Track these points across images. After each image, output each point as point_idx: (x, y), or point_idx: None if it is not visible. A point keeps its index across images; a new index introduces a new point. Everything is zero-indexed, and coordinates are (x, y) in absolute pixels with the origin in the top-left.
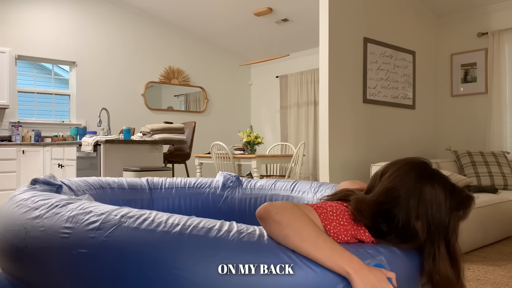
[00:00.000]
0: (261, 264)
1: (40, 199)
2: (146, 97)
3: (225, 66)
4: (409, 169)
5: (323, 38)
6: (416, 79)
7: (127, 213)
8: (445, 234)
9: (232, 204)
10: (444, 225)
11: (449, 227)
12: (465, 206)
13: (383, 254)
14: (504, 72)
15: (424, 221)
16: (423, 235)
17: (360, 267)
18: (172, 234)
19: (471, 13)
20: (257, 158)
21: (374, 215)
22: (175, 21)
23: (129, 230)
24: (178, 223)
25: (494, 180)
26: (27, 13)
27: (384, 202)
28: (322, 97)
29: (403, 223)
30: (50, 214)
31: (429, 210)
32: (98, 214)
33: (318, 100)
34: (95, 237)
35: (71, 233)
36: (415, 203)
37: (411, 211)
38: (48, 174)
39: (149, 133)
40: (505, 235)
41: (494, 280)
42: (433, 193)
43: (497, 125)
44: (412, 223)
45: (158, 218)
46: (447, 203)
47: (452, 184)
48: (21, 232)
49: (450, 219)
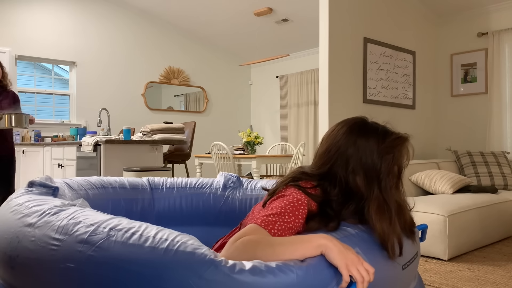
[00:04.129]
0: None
1: (34, 204)
2: (146, 97)
3: (225, 66)
4: (341, 127)
5: (323, 38)
6: (416, 79)
7: (116, 225)
8: (378, 179)
9: (233, 204)
10: (377, 169)
11: (381, 171)
12: (396, 147)
13: (358, 246)
14: (504, 72)
15: (361, 173)
16: (364, 188)
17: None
18: (159, 250)
19: (471, 13)
20: (257, 158)
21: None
22: (175, 21)
23: (117, 245)
24: (167, 238)
25: (494, 180)
26: (27, 13)
27: (323, 164)
28: (322, 97)
29: (345, 180)
30: (41, 223)
31: (363, 159)
32: (87, 225)
33: (318, 100)
34: (82, 251)
35: (60, 246)
36: (349, 156)
37: (348, 165)
38: (44, 176)
39: (149, 133)
40: (505, 235)
41: (494, 280)
42: (364, 142)
43: (497, 125)
44: (352, 178)
45: (147, 232)
46: (378, 148)
47: (384, 130)
48: (14, 241)
49: (382, 163)
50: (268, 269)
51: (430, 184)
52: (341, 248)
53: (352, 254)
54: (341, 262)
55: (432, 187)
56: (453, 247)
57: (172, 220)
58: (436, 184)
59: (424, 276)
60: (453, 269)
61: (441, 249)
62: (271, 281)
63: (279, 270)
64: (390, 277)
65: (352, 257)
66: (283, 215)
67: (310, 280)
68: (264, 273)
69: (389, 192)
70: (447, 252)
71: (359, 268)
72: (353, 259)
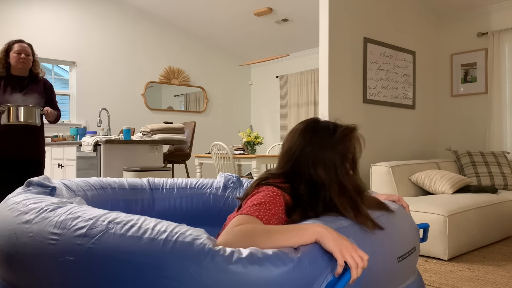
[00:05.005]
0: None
1: (31, 202)
2: (146, 97)
3: (225, 66)
4: (297, 129)
5: (323, 38)
6: (416, 79)
7: (114, 218)
8: (334, 167)
9: (233, 204)
10: (332, 159)
11: (336, 160)
12: (345, 136)
13: (352, 236)
14: (504, 72)
15: (320, 165)
16: (324, 177)
17: (326, 230)
18: (158, 241)
19: (471, 13)
20: (257, 158)
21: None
22: (175, 21)
23: (116, 237)
24: (165, 230)
25: (494, 180)
26: (27, 13)
27: (286, 163)
28: (322, 97)
29: (308, 173)
30: (39, 219)
31: (319, 152)
32: (85, 219)
33: (318, 100)
34: (82, 244)
35: (59, 240)
36: (307, 152)
37: (308, 160)
38: (42, 176)
39: (149, 133)
40: (505, 235)
41: (494, 280)
42: (318, 138)
43: (497, 125)
44: (313, 170)
45: (146, 224)
46: (331, 141)
47: (334, 124)
48: (12, 238)
49: (336, 153)
50: (265, 258)
51: (430, 184)
52: (335, 235)
53: (346, 241)
54: (335, 248)
55: (432, 187)
56: (453, 247)
57: (172, 220)
58: (436, 184)
59: (424, 276)
60: (453, 269)
61: (441, 249)
62: (268, 269)
63: (275, 259)
64: (384, 268)
65: (346, 244)
66: (264, 205)
67: (305, 268)
68: (261, 262)
69: (346, 176)
70: (447, 252)
71: (353, 255)
72: (347, 245)
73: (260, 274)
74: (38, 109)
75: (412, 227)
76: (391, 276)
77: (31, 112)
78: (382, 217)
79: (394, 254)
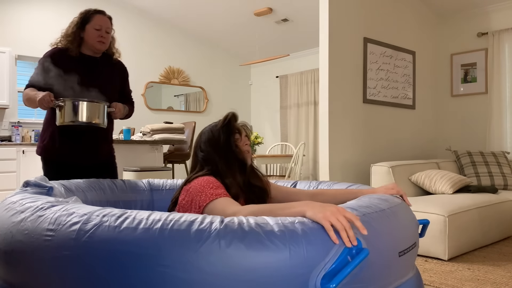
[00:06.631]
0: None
1: (27, 201)
2: (146, 97)
3: (225, 66)
4: (199, 134)
5: (323, 38)
6: (416, 79)
7: (108, 212)
8: (219, 147)
9: None
10: (218, 142)
11: (220, 141)
12: (228, 124)
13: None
14: (504, 72)
15: (210, 149)
16: (216, 156)
17: (312, 204)
18: (153, 231)
19: (471, 13)
20: (257, 158)
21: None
22: (175, 21)
23: (111, 229)
24: (160, 219)
25: (494, 180)
26: (27, 13)
27: (195, 158)
28: (322, 97)
29: (210, 158)
30: (34, 217)
31: (210, 141)
32: (80, 215)
33: (318, 100)
34: (77, 238)
35: (54, 235)
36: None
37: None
38: (39, 176)
39: (149, 133)
40: (505, 235)
41: (494, 280)
42: (209, 133)
43: (497, 125)
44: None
45: (140, 215)
46: (220, 129)
47: (218, 121)
48: (8, 236)
49: (220, 136)
50: (263, 243)
51: (430, 184)
52: (319, 205)
53: (332, 207)
54: (319, 215)
55: (432, 187)
56: (453, 247)
57: None
58: (436, 184)
59: (424, 276)
60: (453, 269)
61: (441, 249)
62: (265, 254)
63: (273, 244)
64: (385, 262)
65: (331, 209)
66: (212, 184)
67: (303, 255)
68: (258, 247)
69: (230, 152)
70: (447, 252)
71: (338, 217)
72: (332, 210)
73: (257, 259)
74: (104, 106)
75: (413, 222)
76: (391, 271)
77: (96, 110)
78: (388, 211)
79: (396, 249)
